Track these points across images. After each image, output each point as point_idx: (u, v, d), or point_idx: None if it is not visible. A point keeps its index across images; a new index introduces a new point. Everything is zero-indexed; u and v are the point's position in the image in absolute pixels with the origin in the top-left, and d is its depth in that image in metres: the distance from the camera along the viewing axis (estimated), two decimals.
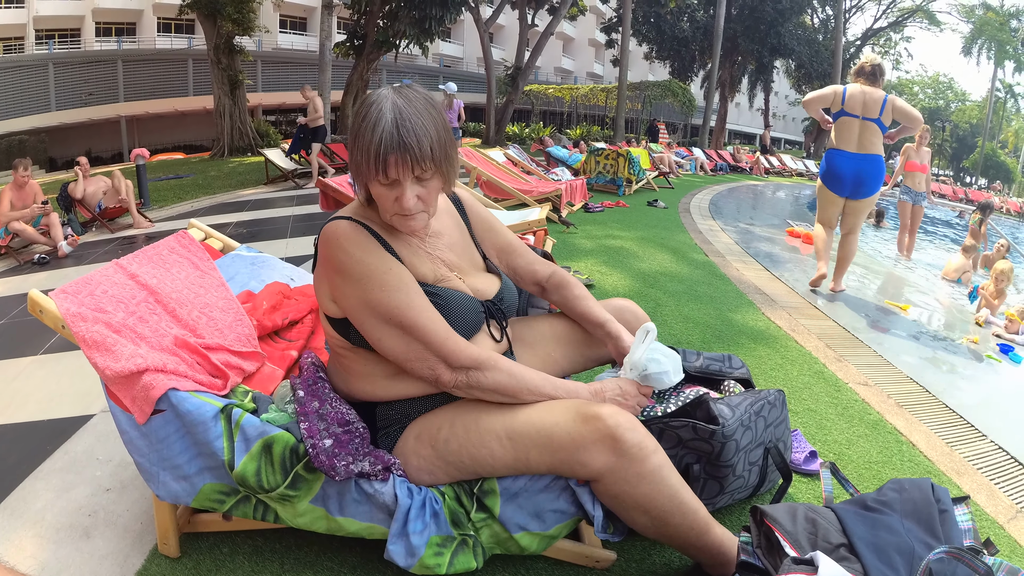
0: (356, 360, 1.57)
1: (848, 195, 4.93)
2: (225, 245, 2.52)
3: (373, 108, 1.39)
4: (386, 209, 1.46)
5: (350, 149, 1.46)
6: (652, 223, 8.15)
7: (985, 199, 10.04)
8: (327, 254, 1.48)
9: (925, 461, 2.52)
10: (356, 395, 1.61)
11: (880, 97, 4.68)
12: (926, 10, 39.53)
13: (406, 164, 1.38)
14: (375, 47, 19.98)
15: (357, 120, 1.41)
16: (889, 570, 1.20)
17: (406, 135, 1.36)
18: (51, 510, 1.95)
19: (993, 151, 61.92)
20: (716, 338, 3.71)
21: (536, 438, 1.45)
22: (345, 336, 1.54)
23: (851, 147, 4.79)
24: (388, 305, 1.43)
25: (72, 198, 7.72)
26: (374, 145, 1.37)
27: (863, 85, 4.79)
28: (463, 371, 1.46)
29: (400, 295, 1.44)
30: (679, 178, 15.98)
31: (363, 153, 1.39)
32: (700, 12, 34.18)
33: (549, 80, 47.80)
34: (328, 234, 1.48)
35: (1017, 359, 4.21)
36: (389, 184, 1.42)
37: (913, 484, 1.43)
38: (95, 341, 1.50)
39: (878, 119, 4.69)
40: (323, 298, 1.54)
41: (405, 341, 1.45)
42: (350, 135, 1.47)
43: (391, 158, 1.37)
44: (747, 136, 58.82)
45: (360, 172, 1.43)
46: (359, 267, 1.44)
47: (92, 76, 31.98)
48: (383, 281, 1.44)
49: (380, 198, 1.45)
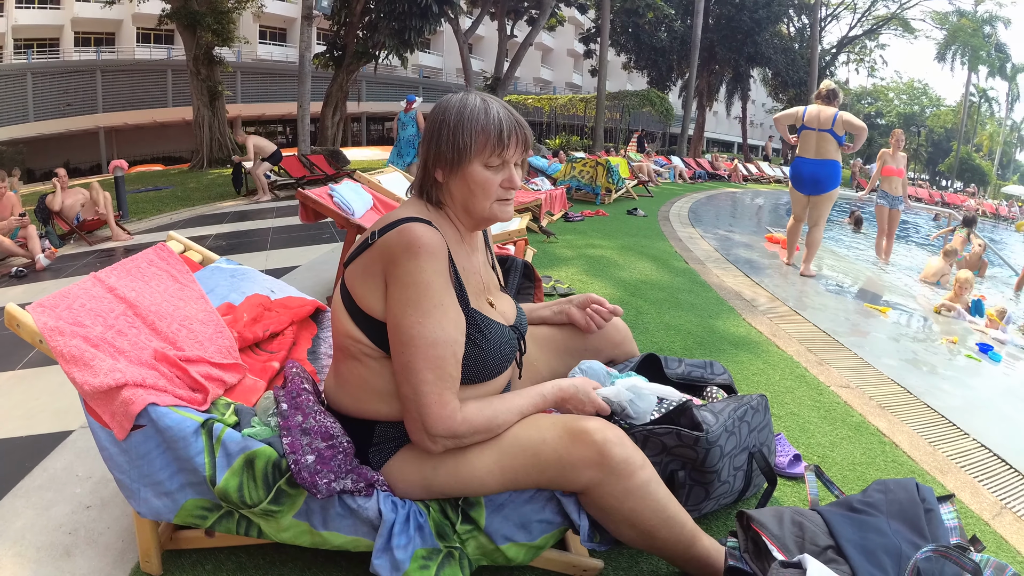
0: (381, 373, 1.48)
1: (808, 192, 6.12)
2: (204, 257, 2.50)
3: (470, 99, 1.46)
4: (487, 194, 1.47)
5: (438, 139, 1.45)
6: (632, 231, 8.18)
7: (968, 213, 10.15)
8: (397, 256, 1.38)
9: (908, 461, 2.55)
10: (361, 412, 1.53)
11: (832, 113, 5.86)
12: (900, 17, 40.13)
13: (521, 145, 1.47)
14: (355, 58, 20.00)
15: (451, 112, 1.45)
16: (877, 571, 1.21)
17: (518, 118, 1.47)
18: (31, 529, 1.91)
19: (968, 155, 62.79)
20: (698, 345, 3.72)
21: (523, 458, 1.44)
22: (379, 344, 1.46)
23: (810, 154, 6.03)
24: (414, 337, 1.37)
25: (50, 210, 7.63)
26: (494, 125, 1.43)
27: (820, 105, 5.99)
28: (437, 441, 1.41)
29: (430, 332, 1.37)
30: (658, 186, 16.08)
31: (475, 134, 1.42)
32: (678, 22, 34.42)
33: (528, 90, 47.95)
34: (409, 237, 1.38)
35: (997, 358, 4.26)
36: (498, 166, 1.46)
37: (898, 484, 1.44)
38: (73, 356, 1.48)
39: (831, 130, 5.85)
40: (368, 297, 1.44)
41: (400, 381, 1.41)
42: (438, 127, 1.46)
43: (513, 137, 1.44)
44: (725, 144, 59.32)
45: (460, 157, 1.44)
46: (424, 283, 1.38)
47: (70, 86, 31.69)
48: (428, 308, 1.37)
49: (485, 183, 1.46)
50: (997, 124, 66.60)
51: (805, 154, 6.07)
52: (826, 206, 6.12)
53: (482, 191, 1.46)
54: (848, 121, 5.81)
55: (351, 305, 1.47)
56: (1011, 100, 59.67)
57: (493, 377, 1.54)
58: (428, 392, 1.38)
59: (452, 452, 1.47)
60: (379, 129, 43.66)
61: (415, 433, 1.42)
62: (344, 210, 3.91)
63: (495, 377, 1.55)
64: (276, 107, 34.59)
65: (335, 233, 7.22)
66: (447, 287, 1.41)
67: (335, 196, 3.98)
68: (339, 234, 7.09)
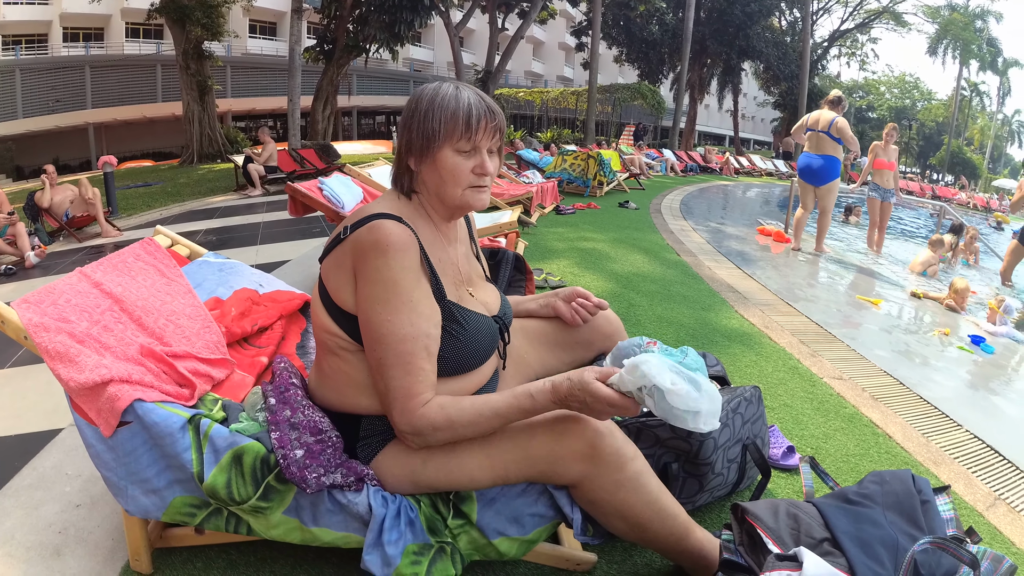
0: (360, 367, 1.47)
1: (810, 181, 7.30)
2: (192, 252, 2.47)
3: (443, 87, 1.46)
4: (459, 181, 1.45)
5: (409, 127, 1.45)
6: (624, 224, 8.17)
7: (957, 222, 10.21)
8: (366, 253, 1.38)
9: (902, 452, 2.55)
10: (345, 407, 1.52)
11: (831, 117, 7.01)
12: (892, 11, 40.20)
13: (491, 129, 1.45)
14: (345, 52, 19.94)
15: (423, 99, 1.44)
16: (874, 563, 1.20)
17: (491, 104, 1.46)
18: (20, 528, 1.88)
19: (959, 148, 63.10)
20: (691, 337, 3.71)
21: (513, 452, 1.43)
22: (354, 336, 1.45)
23: (812, 150, 7.24)
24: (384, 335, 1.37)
25: (39, 207, 7.58)
26: (463, 109, 1.42)
27: (826, 108, 7.17)
28: (406, 435, 1.41)
29: (399, 328, 1.36)
30: (650, 179, 16.08)
31: (444, 120, 1.41)
32: (669, 15, 34.45)
33: (520, 84, 47.92)
34: (378, 234, 1.37)
35: (989, 350, 4.27)
36: (469, 152, 1.44)
37: (894, 476, 1.43)
38: (58, 352, 1.46)
39: (827, 131, 7.01)
40: (341, 291, 1.43)
41: (375, 378, 1.42)
42: (411, 114, 1.46)
43: (482, 122, 1.43)
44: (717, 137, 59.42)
45: (429, 143, 1.43)
46: (391, 280, 1.36)
47: (59, 82, 31.44)
48: (397, 305, 1.36)
49: (455, 169, 1.44)
50: (988, 118, 66.92)
51: (809, 150, 7.26)
52: (831, 196, 7.30)
53: (452, 177, 1.45)
54: (840, 128, 6.94)
55: (327, 299, 1.47)
56: (1002, 94, 59.95)
57: (474, 368, 1.52)
58: (396, 387, 1.37)
59: (441, 446, 1.45)
60: (370, 123, 43.53)
61: (394, 421, 1.41)
62: (334, 203, 3.89)
63: (477, 368, 1.53)
64: (266, 101, 34.46)
65: (325, 227, 7.19)
66: (417, 282, 1.40)
67: (325, 189, 3.95)
68: (329, 228, 7.06)
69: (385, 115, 43.75)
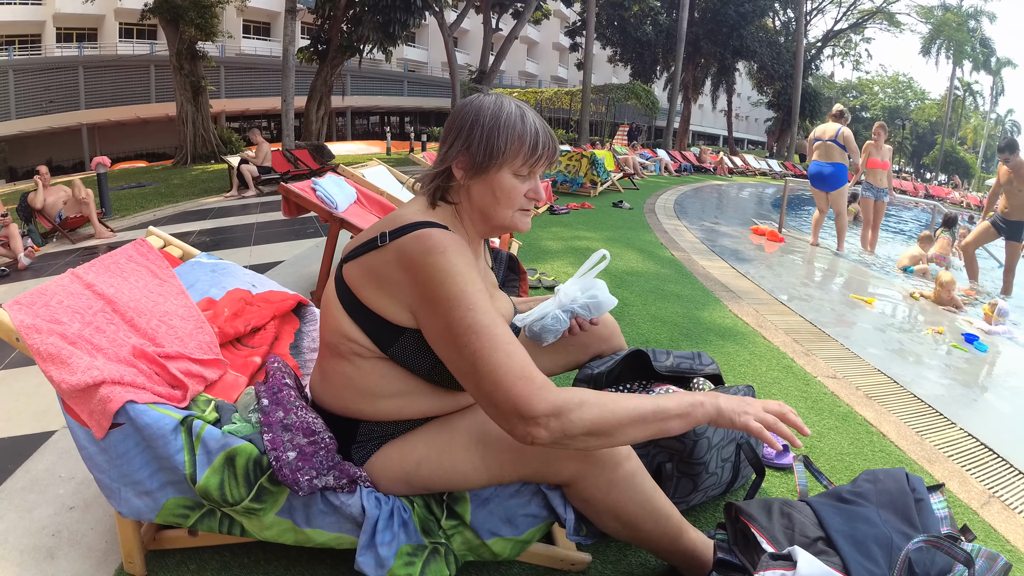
0: (371, 374, 1.42)
1: (820, 187, 7.97)
2: (184, 252, 2.47)
3: (504, 104, 1.41)
4: (512, 203, 1.43)
5: (469, 139, 1.39)
6: (618, 224, 8.18)
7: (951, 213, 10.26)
8: (421, 258, 1.29)
9: (896, 451, 2.55)
10: (347, 411, 1.48)
11: (836, 128, 7.70)
12: (886, 11, 40.36)
13: (551, 158, 1.44)
14: (339, 52, 19.91)
15: (485, 113, 1.39)
16: (868, 561, 1.20)
17: (551, 131, 1.43)
18: (13, 532, 1.88)
19: (952, 148, 63.35)
20: (684, 336, 3.72)
21: (508, 451, 1.42)
22: (380, 344, 1.38)
23: (822, 158, 7.82)
24: (470, 325, 1.25)
25: (32, 208, 7.55)
26: (530, 133, 1.39)
27: (831, 121, 7.86)
28: (541, 423, 1.20)
29: (484, 316, 1.26)
30: (644, 179, 16.10)
31: (511, 140, 1.38)
32: (663, 15, 34.51)
33: (514, 84, 47.99)
34: (429, 241, 1.30)
35: (982, 348, 4.28)
36: (526, 176, 1.43)
37: (887, 474, 1.43)
38: (50, 354, 1.45)
39: (834, 139, 7.67)
40: (376, 298, 1.35)
41: (476, 379, 1.25)
42: (471, 126, 1.39)
43: (546, 150, 1.42)
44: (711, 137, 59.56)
45: (490, 161, 1.38)
46: (460, 274, 1.28)
47: (52, 83, 31.34)
48: (473, 295, 1.27)
49: (511, 191, 1.41)
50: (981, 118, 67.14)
51: (819, 159, 7.86)
52: (843, 199, 7.94)
53: (507, 199, 1.42)
54: (846, 137, 7.64)
55: (353, 304, 1.39)
56: (995, 94, 60.21)
57: None
58: (507, 373, 1.22)
59: (436, 446, 1.45)
60: (364, 123, 43.52)
61: (514, 427, 1.23)
62: (327, 204, 3.88)
63: None
64: (260, 102, 34.41)
65: (319, 228, 7.18)
66: (479, 277, 1.33)
67: (318, 190, 3.94)
68: (323, 228, 7.05)
69: (379, 115, 43.75)
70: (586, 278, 1.81)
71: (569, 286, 1.78)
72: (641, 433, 1.26)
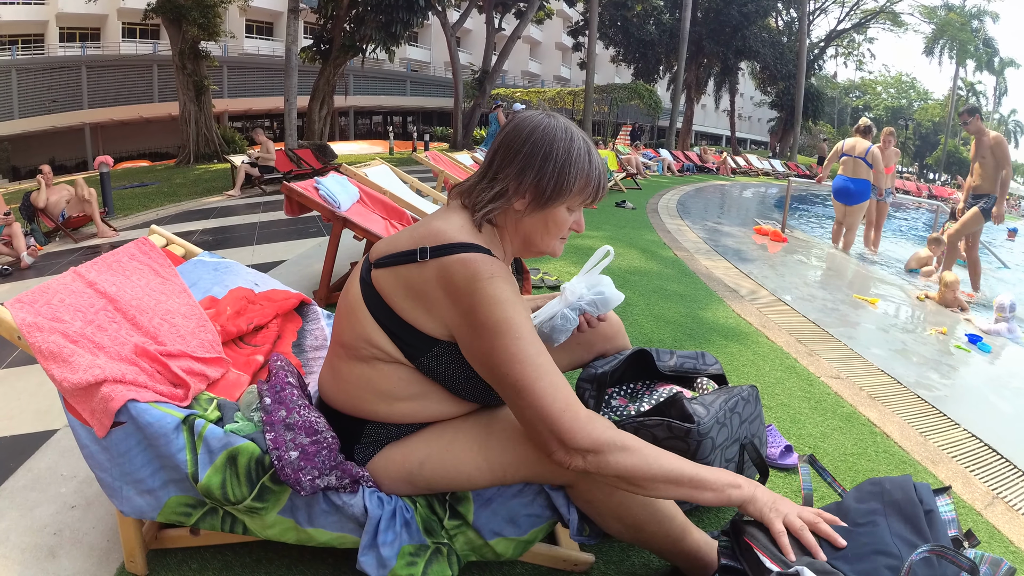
0: (389, 376, 1.41)
1: (843, 201, 8.10)
2: (187, 251, 2.46)
3: (575, 137, 1.42)
4: (559, 233, 1.45)
5: (541, 171, 1.37)
6: (620, 223, 8.19)
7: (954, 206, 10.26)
8: (467, 284, 1.28)
9: (900, 451, 2.54)
10: (358, 412, 1.47)
11: (866, 146, 7.81)
12: (889, 11, 40.31)
13: (602, 196, 1.46)
14: (341, 52, 19.93)
15: (558, 147, 1.38)
16: None
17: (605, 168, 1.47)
18: (15, 530, 1.87)
19: (955, 148, 63.24)
20: (687, 336, 3.71)
21: (511, 451, 1.41)
22: (408, 353, 1.38)
23: (849, 174, 7.92)
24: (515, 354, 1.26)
25: (35, 207, 7.56)
26: (595, 174, 1.42)
27: (858, 137, 7.98)
28: (580, 454, 1.25)
29: (530, 347, 1.27)
30: (646, 179, 16.09)
31: (580, 179, 1.40)
32: (666, 15, 34.50)
33: (516, 84, 47.98)
34: (476, 267, 1.28)
35: (986, 348, 4.27)
36: (575, 209, 1.45)
37: (894, 484, 1.41)
38: (51, 352, 1.45)
39: (864, 157, 7.76)
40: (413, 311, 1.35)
41: (520, 405, 1.28)
42: (544, 159, 1.37)
43: (603, 191, 1.45)
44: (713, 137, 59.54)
45: (557, 197, 1.39)
46: (508, 301, 1.28)
47: (55, 83, 31.37)
48: (519, 323, 1.28)
49: (561, 223, 1.43)
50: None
51: (845, 173, 7.98)
52: (858, 215, 8.16)
53: (556, 230, 1.44)
54: (875, 157, 7.81)
55: (383, 311, 1.37)
56: (999, 94, 60.12)
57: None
58: (553, 402, 1.25)
59: (439, 446, 1.44)
60: (367, 123, 43.56)
61: (553, 451, 1.27)
62: (330, 203, 3.87)
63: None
64: (263, 102, 34.44)
65: (322, 227, 7.18)
66: (524, 304, 1.34)
67: (321, 189, 3.94)
68: (325, 228, 7.04)
69: (382, 115, 43.81)
70: (591, 274, 1.80)
71: (575, 283, 1.77)
72: (671, 493, 1.30)
